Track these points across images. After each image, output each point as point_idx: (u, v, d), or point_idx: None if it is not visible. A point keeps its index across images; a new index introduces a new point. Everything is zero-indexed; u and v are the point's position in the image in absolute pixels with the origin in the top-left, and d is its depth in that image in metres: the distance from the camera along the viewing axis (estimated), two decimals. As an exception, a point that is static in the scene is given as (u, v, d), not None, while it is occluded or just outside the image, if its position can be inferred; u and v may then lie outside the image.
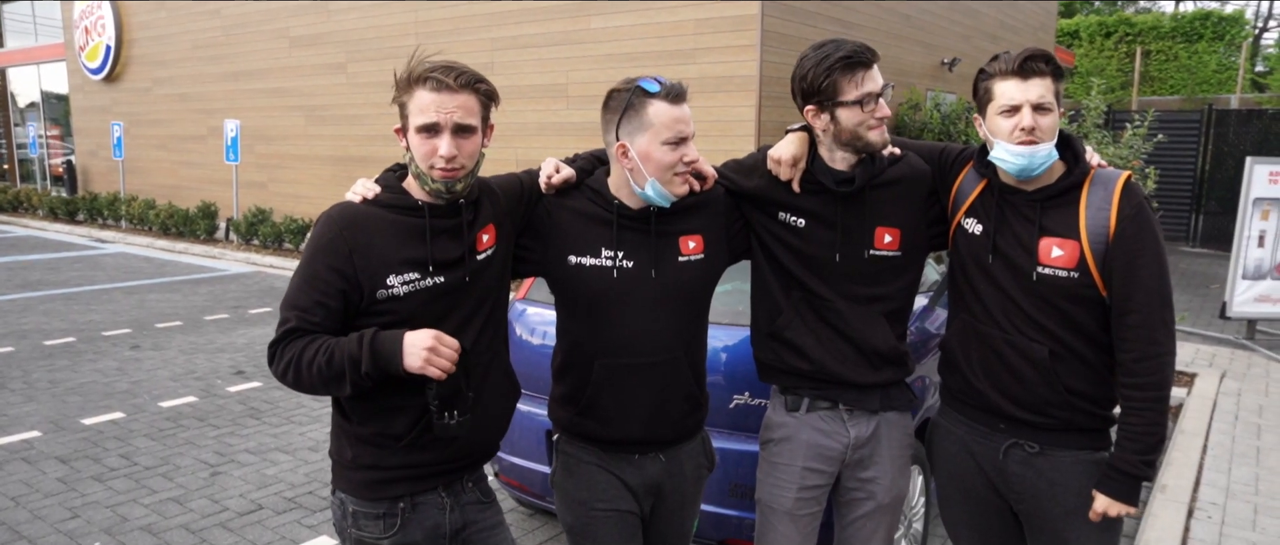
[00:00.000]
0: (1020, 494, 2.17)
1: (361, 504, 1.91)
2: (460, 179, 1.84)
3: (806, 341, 2.22)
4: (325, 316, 1.81)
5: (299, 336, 1.80)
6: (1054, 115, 1.99)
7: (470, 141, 1.84)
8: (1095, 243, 1.99)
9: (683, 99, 2.01)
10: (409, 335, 1.76)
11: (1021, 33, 14.30)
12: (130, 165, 16.45)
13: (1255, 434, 5.02)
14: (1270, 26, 32.42)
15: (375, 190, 1.90)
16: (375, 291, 1.82)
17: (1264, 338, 7.48)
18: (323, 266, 1.80)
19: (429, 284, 1.86)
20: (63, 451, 4.82)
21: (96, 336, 7.51)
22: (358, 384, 1.77)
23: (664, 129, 1.98)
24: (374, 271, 1.82)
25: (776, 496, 2.30)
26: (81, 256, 12.44)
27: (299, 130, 13.45)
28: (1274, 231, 7.10)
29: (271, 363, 1.83)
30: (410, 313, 1.85)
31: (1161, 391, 2.00)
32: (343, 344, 1.77)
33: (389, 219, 1.86)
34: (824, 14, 9.61)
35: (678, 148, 2.00)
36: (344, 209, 1.87)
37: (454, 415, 1.83)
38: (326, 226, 1.84)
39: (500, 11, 10.57)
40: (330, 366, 1.76)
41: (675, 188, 2.05)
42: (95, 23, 16.58)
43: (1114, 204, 1.99)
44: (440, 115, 1.79)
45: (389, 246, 1.84)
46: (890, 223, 2.20)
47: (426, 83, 1.79)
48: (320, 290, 1.80)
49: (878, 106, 2.09)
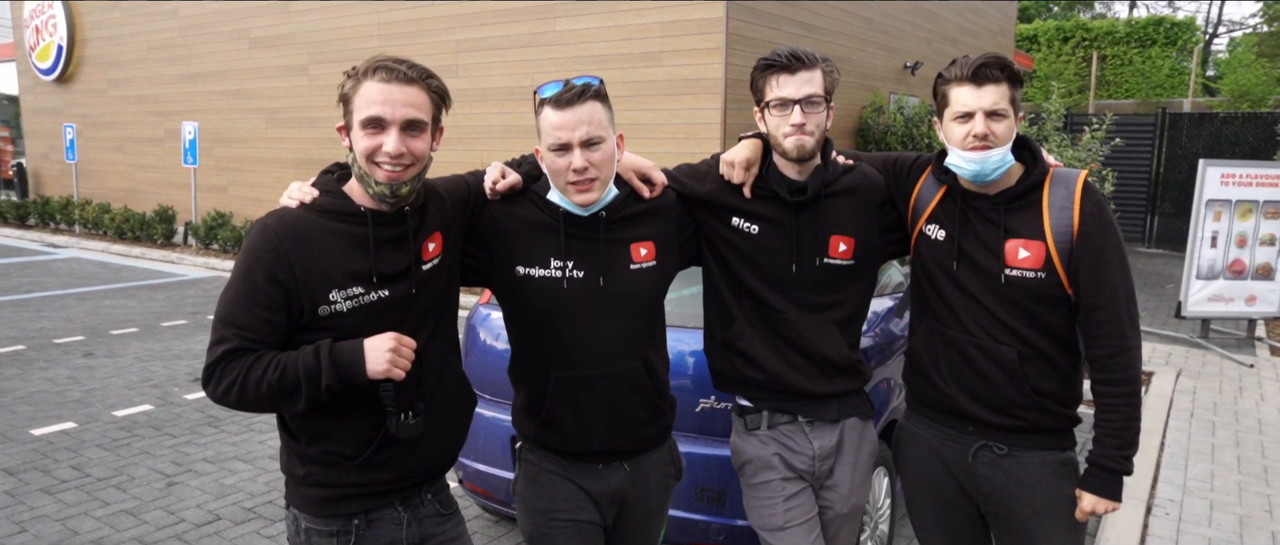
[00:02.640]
0: (988, 496, 2.18)
1: (314, 521, 1.85)
2: (406, 182, 1.74)
3: (760, 351, 2.21)
4: (269, 332, 1.70)
5: (240, 356, 1.69)
6: (1010, 120, 2.00)
7: (418, 141, 1.75)
8: (1060, 242, 2.01)
9: (573, 104, 1.88)
10: (368, 341, 1.70)
11: (982, 37, 14.52)
12: (84, 168, 16.06)
13: (1210, 431, 5.12)
14: (1220, 32, 33.31)
15: (313, 194, 1.79)
16: (316, 308, 1.71)
17: (1217, 336, 7.66)
18: (262, 277, 1.68)
19: (373, 298, 1.76)
20: (10, 463, 4.67)
21: (47, 344, 7.30)
22: (314, 399, 1.69)
23: (547, 135, 1.92)
24: (315, 286, 1.71)
25: (766, 517, 2.26)
26: (32, 262, 12.10)
27: (259, 133, 13.23)
28: (1226, 232, 7.27)
29: (207, 385, 1.70)
30: (353, 330, 1.74)
31: (1134, 385, 2.02)
32: (294, 358, 1.68)
33: (330, 227, 1.75)
34: (788, 17, 9.67)
35: (563, 155, 1.91)
36: (281, 217, 1.75)
37: (411, 415, 1.79)
38: (263, 236, 1.71)
39: (465, 13, 10.48)
40: (282, 382, 1.66)
41: (571, 197, 1.96)
42: (46, 22, 16.16)
43: (1076, 203, 2.02)
44: (387, 109, 1.69)
45: (330, 258, 1.72)
46: (845, 231, 2.19)
47: (375, 73, 1.70)
48: (261, 304, 1.68)
49: (790, 113, 2.06)
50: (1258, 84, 17.35)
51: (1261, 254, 7.30)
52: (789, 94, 2.06)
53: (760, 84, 2.12)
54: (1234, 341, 7.52)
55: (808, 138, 2.08)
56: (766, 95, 2.10)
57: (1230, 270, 7.31)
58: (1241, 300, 7.34)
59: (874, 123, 10.93)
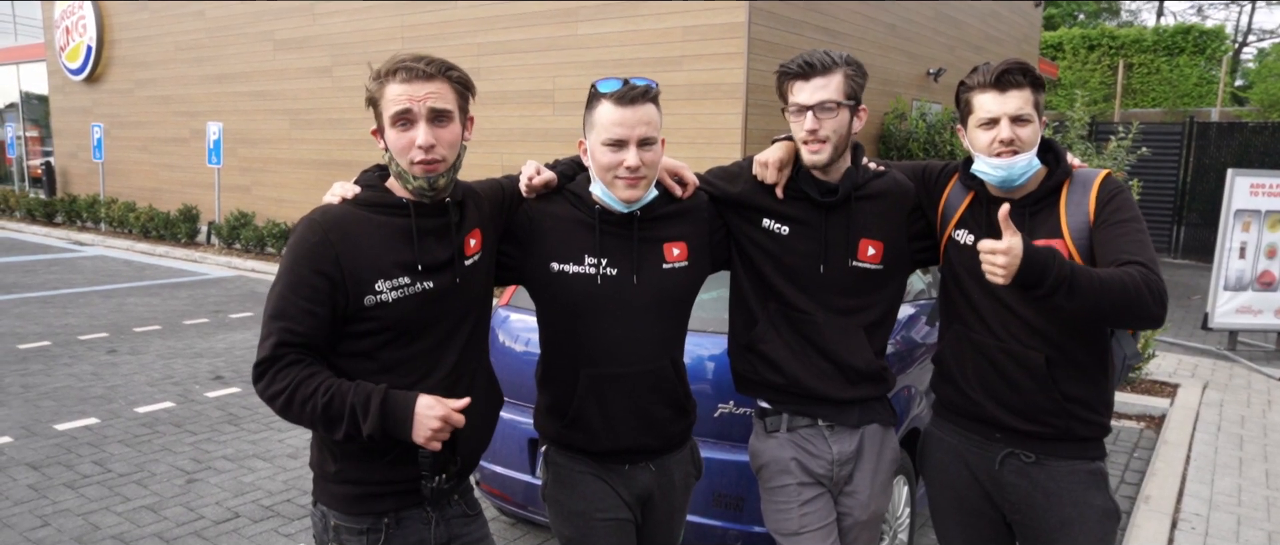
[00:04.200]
0: (1015, 504, 2.15)
1: (344, 518, 1.86)
2: (442, 173, 1.78)
3: (781, 355, 2.20)
4: (314, 326, 1.72)
5: (291, 354, 1.71)
6: (1034, 125, 1.99)
7: (448, 130, 1.78)
8: (1078, 238, 2.00)
9: (635, 103, 1.93)
10: (422, 403, 1.71)
11: (1005, 44, 14.40)
12: (110, 167, 16.27)
13: (1238, 445, 5.03)
14: (1249, 41, 32.86)
15: (355, 191, 1.84)
16: (362, 298, 1.74)
17: (1245, 349, 7.53)
18: (308, 271, 1.71)
19: (418, 289, 1.80)
20: (34, 458, 4.72)
21: (72, 340, 7.39)
22: (351, 437, 1.71)
23: (603, 130, 1.95)
24: (361, 276, 1.74)
25: (781, 521, 2.24)
26: (59, 259, 12.27)
27: (283, 134, 13.34)
28: (1255, 243, 7.16)
29: (258, 382, 1.72)
30: (398, 319, 1.78)
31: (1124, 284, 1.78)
32: (347, 391, 1.70)
33: (374, 220, 1.78)
34: (810, 22, 9.64)
35: (617, 151, 1.95)
36: (325, 211, 1.79)
37: (443, 479, 1.82)
38: (309, 230, 1.75)
39: (487, 16, 10.53)
40: (328, 410, 1.69)
41: (618, 192, 2.00)
42: (76, 23, 16.40)
43: (1093, 197, 2.01)
44: (413, 102, 1.73)
45: (376, 249, 1.76)
46: (874, 235, 2.19)
47: (396, 74, 1.74)
48: (306, 297, 1.71)
49: (804, 119, 2.06)
50: (1288, 94, 17.09)
51: (1291, 266, 7.18)
52: (804, 100, 2.07)
53: (782, 89, 2.14)
54: (1262, 354, 7.39)
55: (821, 146, 2.08)
56: (788, 101, 2.12)
57: (1259, 282, 7.19)
58: (1270, 312, 7.21)
59: (896, 129, 10.86)
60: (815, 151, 2.09)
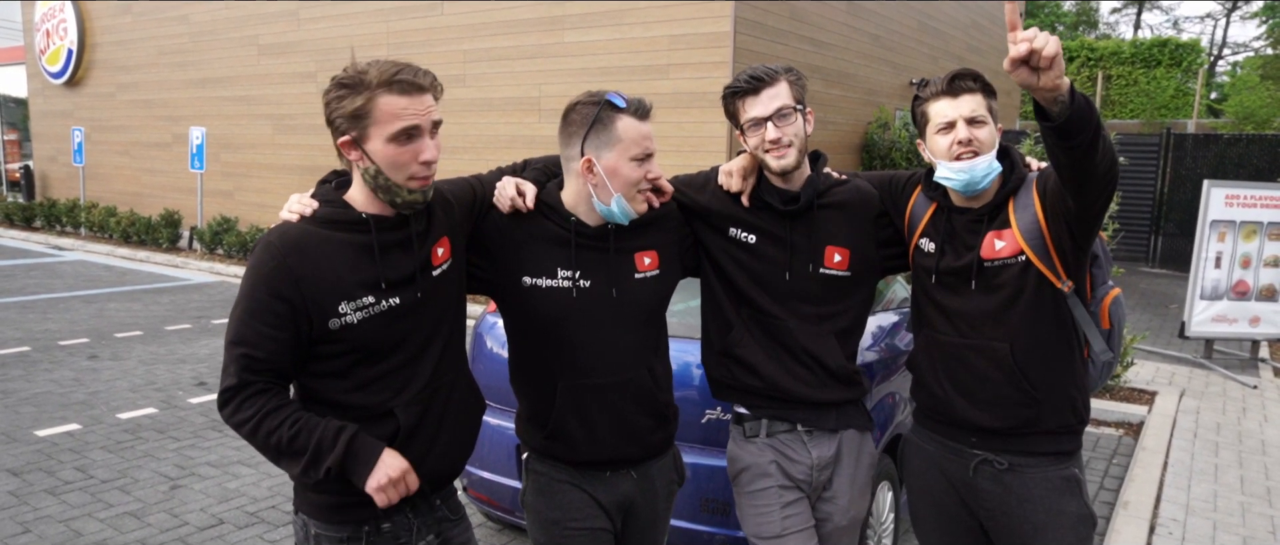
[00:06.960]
0: (990, 510, 2.18)
1: (324, 527, 1.84)
2: (432, 184, 1.79)
3: (758, 358, 2.22)
4: (275, 351, 1.68)
5: (257, 381, 1.69)
6: (990, 127, 2.05)
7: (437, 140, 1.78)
8: (1031, 238, 2.04)
9: (649, 115, 2.00)
10: (386, 458, 1.72)
11: (987, 54, 14.57)
12: (91, 172, 16.12)
13: (1214, 451, 5.12)
14: (1224, 54, 33.40)
15: (313, 206, 1.78)
16: (326, 321, 1.70)
17: (1221, 357, 7.65)
18: (266, 295, 1.67)
19: (384, 306, 1.76)
20: (14, 464, 4.68)
21: (52, 346, 7.32)
22: (309, 475, 1.70)
23: (632, 145, 1.97)
24: (322, 300, 1.69)
25: (762, 525, 2.25)
26: (38, 264, 12.14)
27: (267, 139, 13.28)
28: (1230, 253, 7.28)
29: (223, 409, 1.70)
30: (365, 340, 1.74)
31: None
32: (315, 428, 1.69)
33: (333, 238, 1.73)
34: (795, 32, 9.72)
35: (644, 164, 1.99)
36: (283, 233, 1.72)
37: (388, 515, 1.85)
38: (266, 253, 1.69)
39: (474, 24, 10.54)
40: (293, 444, 1.68)
41: (637, 204, 2.03)
42: (57, 26, 16.26)
43: (1035, 192, 2.06)
44: (420, 117, 1.70)
45: (337, 270, 1.71)
46: (839, 242, 2.22)
47: (392, 87, 1.67)
48: (266, 322, 1.67)
49: (764, 130, 2.11)
50: (1262, 106, 17.37)
51: (1265, 275, 7.30)
52: (759, 113, 2.12)
53: (733, 110, 2.18)
54: (1238, 362, 7.51)
55: (785, 151, 2.13)
56: (741, 119, 2.16)
57: (1234, 291, 7.31)
58: (1245, 321, 7.33)
59: (879, 138, 10.96)
60: (781, 156, 2.13)
